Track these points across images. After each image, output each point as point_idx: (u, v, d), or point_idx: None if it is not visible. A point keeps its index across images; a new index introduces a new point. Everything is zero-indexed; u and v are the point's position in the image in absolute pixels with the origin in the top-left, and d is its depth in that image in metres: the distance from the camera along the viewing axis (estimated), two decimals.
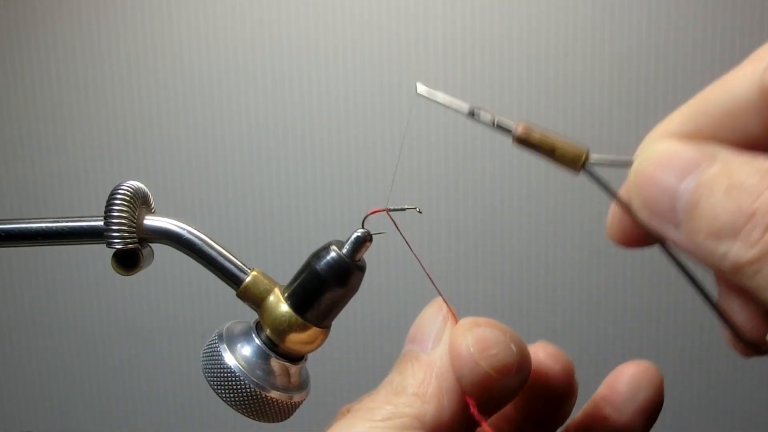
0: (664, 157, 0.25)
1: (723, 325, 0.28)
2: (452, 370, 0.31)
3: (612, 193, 0.28)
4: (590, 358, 1.24)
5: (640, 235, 0.29)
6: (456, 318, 0.33)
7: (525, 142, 0.29)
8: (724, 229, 0.23)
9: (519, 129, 0.29)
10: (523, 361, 0.31)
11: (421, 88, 0.31)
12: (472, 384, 0.31)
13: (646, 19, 1.15)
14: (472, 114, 0.30)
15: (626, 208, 0.27)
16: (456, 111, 0.30)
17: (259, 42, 1.17)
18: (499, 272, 1.22)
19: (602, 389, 0.37)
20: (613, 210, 0.29)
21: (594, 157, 0.28)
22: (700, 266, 0.25)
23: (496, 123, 0.30)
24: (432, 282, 0.35)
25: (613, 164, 0.28)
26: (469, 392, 0.31)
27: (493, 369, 0.30)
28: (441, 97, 0.31)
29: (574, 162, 0.28)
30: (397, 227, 0.36)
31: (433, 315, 0.34)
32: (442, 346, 0.32)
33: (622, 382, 0.36)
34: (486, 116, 0.30)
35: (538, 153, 0.29)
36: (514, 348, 0.31)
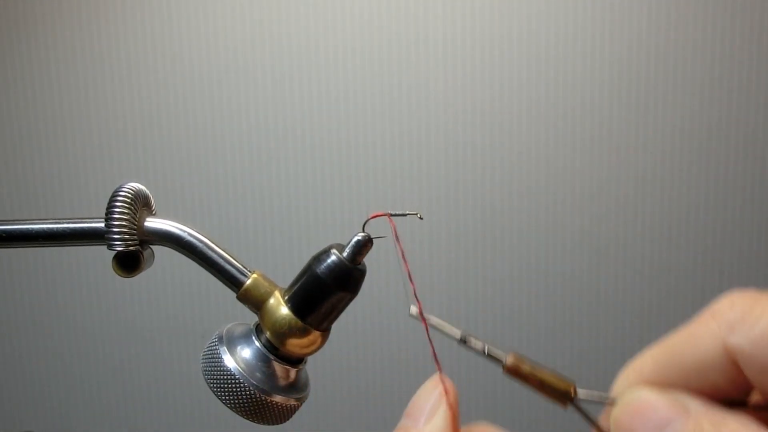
0: (641, 408, 0.27)
1: None
2: None
3: (598, 429, 0.29)
4: (590, 357, 1.24)
5: None
6: (449, 393, 0.33)
7: (515, 373, 0.30)
8: None
9: (509, 360, 0.30)
10: None
11: (413, 310, 0.32)
12: None
13: (646, 19, 1.15)
14: (463, 341, 0.31)
15: None
16: (448, 336, 0.31)
17: (259, 42, 1.17)
18: (499, 273, 1.22)
19: None
20: None
21: (580, 392, 0.30)
22: None
23: (486, 352, 0.30)
24: (422, 318, 0.33)
25: (597, 401, 0.29)
26: None
27: None
28: (434, 320, 0.31)
29: (563, 397, 0.30)
30: (396, 235, 0.35)
31: (429, 391, 0.33)
32: (432, 423, 0.32)
33: None
34: (477, 344, 0.30)
35: (527, 384, 0.30)
36: None
